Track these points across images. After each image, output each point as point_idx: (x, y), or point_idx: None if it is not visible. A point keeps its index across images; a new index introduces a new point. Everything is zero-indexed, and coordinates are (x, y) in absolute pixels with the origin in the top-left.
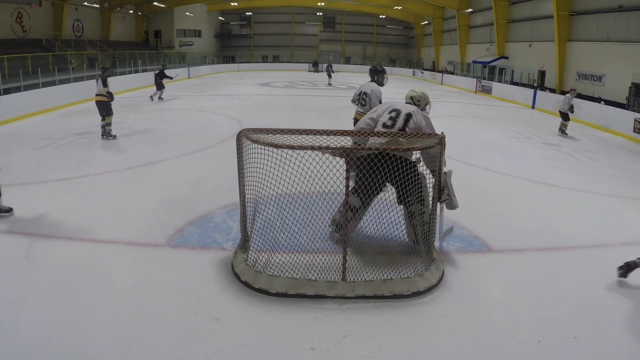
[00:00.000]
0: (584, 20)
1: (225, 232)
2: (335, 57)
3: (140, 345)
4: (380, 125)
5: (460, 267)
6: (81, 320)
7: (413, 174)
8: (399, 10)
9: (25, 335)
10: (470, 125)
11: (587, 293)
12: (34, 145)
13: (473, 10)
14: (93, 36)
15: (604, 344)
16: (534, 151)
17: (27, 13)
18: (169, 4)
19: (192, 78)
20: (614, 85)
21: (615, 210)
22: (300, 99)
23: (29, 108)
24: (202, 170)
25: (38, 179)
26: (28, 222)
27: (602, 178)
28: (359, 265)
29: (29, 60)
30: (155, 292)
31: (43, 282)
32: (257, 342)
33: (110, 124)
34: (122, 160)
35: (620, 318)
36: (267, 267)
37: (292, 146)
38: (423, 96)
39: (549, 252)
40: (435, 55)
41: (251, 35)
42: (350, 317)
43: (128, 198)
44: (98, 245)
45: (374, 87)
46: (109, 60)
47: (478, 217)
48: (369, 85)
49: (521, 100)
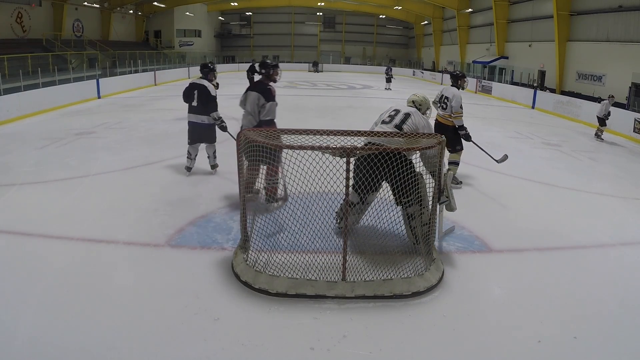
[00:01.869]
0: (584, 20)
1: (225, 232)
2: (335, 57)
3: (140, 345)
4: (379, 122)
5: (460, 267)
6: (81, 320)
7: (409, 171)
8: (399, 10)
9: (25, 335)
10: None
11: (587, 293)
12: (33, 145)
13: (473, 10)
14: (93, 36)
15: (604, 344)
16: (534, 151)
17: (27, 13)
18: (169, 4)
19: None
20: (614, 85)
21: (615, 210)
22: (301, 99)
23: (29, 108)
24: (202, 171)
25: (38, 179)
26: (28, 222)
27: (602, 178)
28: (359, 265)
29: (29, 60)
30: (155, 292)
31: (43, 282)
32: (257, 342)
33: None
34: (122, 160)
35: (620, 318)
36: (267, 267)
37: (292, 146)
38: (425, 100)
39: (549, 252)
40: (435, 55)
41: (251, 35)
42: (350, 317)
43: (128, 198)
44: (98, 245)
45: (455, 92)
46: (109, 60)
47: (478, 217)
48: (450, 89)
49: (521, 100)
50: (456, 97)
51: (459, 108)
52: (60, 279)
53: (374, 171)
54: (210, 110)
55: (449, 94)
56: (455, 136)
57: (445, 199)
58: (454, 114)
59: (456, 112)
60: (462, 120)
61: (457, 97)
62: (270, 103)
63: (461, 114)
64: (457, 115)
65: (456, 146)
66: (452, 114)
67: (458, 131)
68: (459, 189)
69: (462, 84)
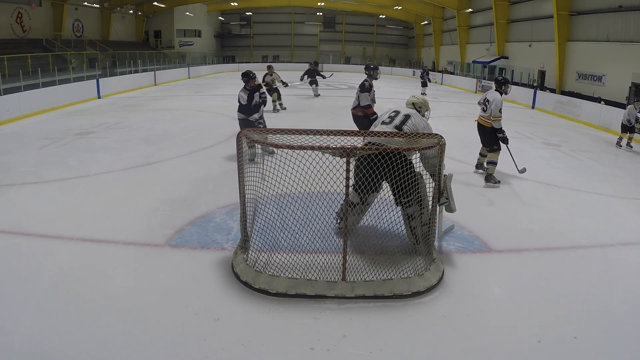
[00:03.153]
0: (584, 20)
1: (225, 232)
2: (335, 57)
3: (140, 345)
4: (379, 123)
5: (460, 267)
6: (81, 320)
7: (409, 171)
8: (399, 10)
9: (24, 335)
10: (470, 125)
11: (587, 293)
12: (33, 145)
13: (473, 10)
14: (93, 36)
15: (604, 344)
16: (534, 151)
17: (27, 13)
18: (169, 4)
19: (192, 78)
20: (614, 85)
21: (615, 210)
22: (300, 99)
23: (29, 108)
24: (202, 170)
25: (38, 179)
26: (27, 222)
27: (602, 178)
28: (359, 265)
29: (29, 60)
30: (155, 292)
31: (42, 282)
32: (257, 342)
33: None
34: (122, 160)
35: (620, 318)
36: (267, 267)
37: (292, 146)
38: (424, 102)
39: (549, 252)
40: (435, 55)
41: (251, 35)
42: (350, 317)
43: (128, 198)
44: (98, 245)
45: (497, 96)
46: (109, 60)
47: (478, 217)
48: (494, 94)
49: (521, 100)
50: (496, 101)
51: (497, 112)
52: (60, 279)
53: (375, 171)
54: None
55: (490, 97)
56: (493, 137)
57: (445, 200)
58: (493, 116)
59: (495, 116)
60: (500, 124)
61: (498, 101)
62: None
63: (500, 117)
64: (496, 118)
65: (493, 146)
66: (491, 116)
67: (496, 133)
68: (497, 187)
69: (505, 89)
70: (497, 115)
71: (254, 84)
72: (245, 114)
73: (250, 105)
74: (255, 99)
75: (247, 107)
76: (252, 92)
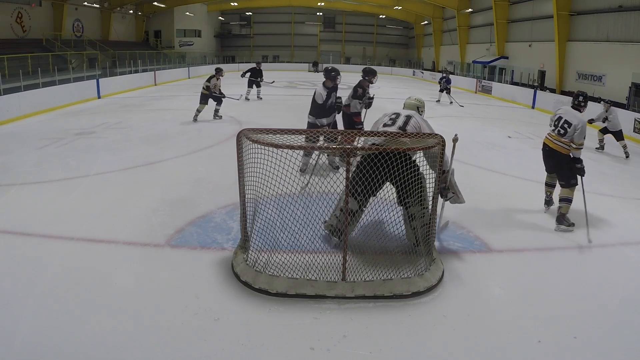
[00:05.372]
0: (584, 20)
1: (225, 232)
2: (335, 57)
3: (140, 346)
4: (380, 125)
5: (460, 267)
6: (81, 320)
7: (414, 172)
8: (399, 10)
9: (24, 335)
10: (470, 125)
11: (587, 293)
12: (33, 145)
13: (473, 10)
14: (93, 36)
15: (604, 344)
16: (534, 151)
17: (27, 13)
18: (169, 4)
19: (192, 78)
20: (614, 85)
21: (615, 210)
22: (300, 99)
23: (29, 108)
24: (202, 170)
25: (37, 179)
26: (27, 222)
27: (602, 178)
28: (359, 265)
29: (29, 60)
30: (155, 292)
31: (42, 282)
32: (257, 342)
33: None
34: (122, 161)
35: (620, 318)
36: (267, 267)
37: (292, 146)
38: (422, 102)
39: (549, 252)
40: (435, 55)
41: (251, 35)
42: (350, 317)
43: (128, 198)
44: (98, 245)
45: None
46: (109, 60)
47: (478, 217)
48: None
49: (521, 100)
50: (582, 125)
51: (582, 139)
52: (60, 279)
53: (379, 172)
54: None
55: (572, 119)
56: (569, 168)
57: (451, 195)
58: (576, 144)
59: (579, 143)
60: (580, 152)
61: (583, 126)
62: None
63: (582, 146)
64: (579, 147)
65: (571, 180)
66: (572, 143)
67: (575, 163)
68: (571, 231)
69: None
70: (581, 142)
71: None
72: (315, 115)
73: (325, 105)
74: (332, 100)
75: (322, 108)
76: (331, 92)
